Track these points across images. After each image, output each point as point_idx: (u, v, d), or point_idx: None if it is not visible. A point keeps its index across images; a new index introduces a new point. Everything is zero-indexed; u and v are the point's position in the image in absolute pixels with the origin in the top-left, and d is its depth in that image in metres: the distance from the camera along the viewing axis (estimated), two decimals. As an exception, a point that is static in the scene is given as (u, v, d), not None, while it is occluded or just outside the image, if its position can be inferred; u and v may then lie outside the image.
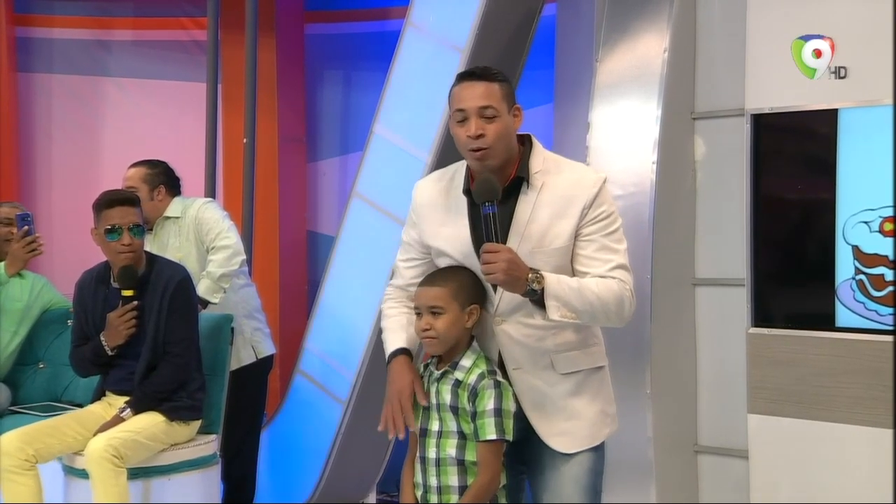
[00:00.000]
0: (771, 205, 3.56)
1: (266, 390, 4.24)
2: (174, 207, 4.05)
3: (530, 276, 2.29)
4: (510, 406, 2.44)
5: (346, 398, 4.29)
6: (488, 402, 2.42)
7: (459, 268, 2.49)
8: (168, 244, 4.02)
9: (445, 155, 4.15)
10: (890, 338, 3.25)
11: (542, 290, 2.29)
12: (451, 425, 2.48)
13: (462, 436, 2.47)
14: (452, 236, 2.46)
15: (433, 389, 2.51)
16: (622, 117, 3.91)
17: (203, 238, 4.00)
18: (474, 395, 2.44)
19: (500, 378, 2.46)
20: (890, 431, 3.21)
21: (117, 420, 3.33)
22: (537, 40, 4.41)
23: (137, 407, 3.37)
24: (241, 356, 4.04)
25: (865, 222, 3.33)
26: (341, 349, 4.38)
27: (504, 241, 2.36)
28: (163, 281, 3.43)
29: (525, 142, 2.47)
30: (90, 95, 5.74)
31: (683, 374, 3.95)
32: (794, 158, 3.59)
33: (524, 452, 2.53)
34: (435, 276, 2.51)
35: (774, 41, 3.49)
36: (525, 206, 2.39)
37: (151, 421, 3.36)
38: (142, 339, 3.40)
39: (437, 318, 2.45)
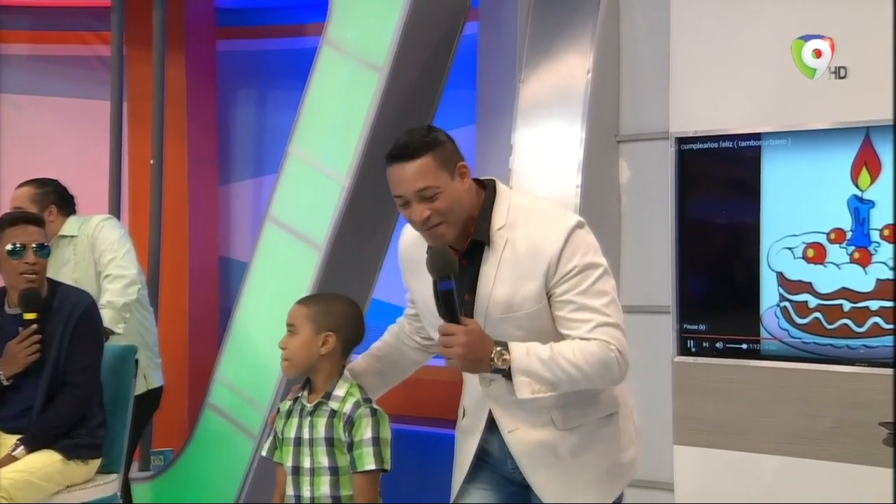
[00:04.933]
0: (696, 230, 3.55)
1: (145, 429, 4.22)
2: (69, 226, 3.96)
3: (494, 353, 2.11)
4: (387, 435, 2.43)
5: (259, 432, 4.18)
6: (366, 431, 2.41)
7: (341, 297, 2.53)
8: (63, 264, 3.91)
9: (364, 177, 4.14)
10: (814, 366, 3.28)
11: (510, 367, 2.12)
12: (323, 461, 2.44)
13: (335, 471, 2.44)
14: (420, 293, 2.30)
15: (306, 423, 2.48)
16: (546, 139, 3.88)
17: (97, 259, 3.91)
18: (350, 424, 2.42)
19: (375, 406, 2.45)
20: (813, 461, 3.25)
21: (9, 459, 3.16)
22: (458, 59, 4.38)
23: (32, 444, 3.21)
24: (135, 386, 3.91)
25: (789, 248, 3.34)
26: (253, 380, 4.30)
27: (470, 308, 2.20)
28: (67, 308, 3.32)
29: (488, 188, 2.27)
30: (-17, 113, 5.59)
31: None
32: (718, 183, 3.59)
33: None
34: (309, 297, 2.57)
35: (698, 63, 3.50)
36: (489, 267, 2.20)
37: (47, 460, 3.21)
38: (40, 371, 3.29)
39: (291, 337, 2.47)
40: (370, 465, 2.39)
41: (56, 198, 3.97)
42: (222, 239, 5.69)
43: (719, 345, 3.46)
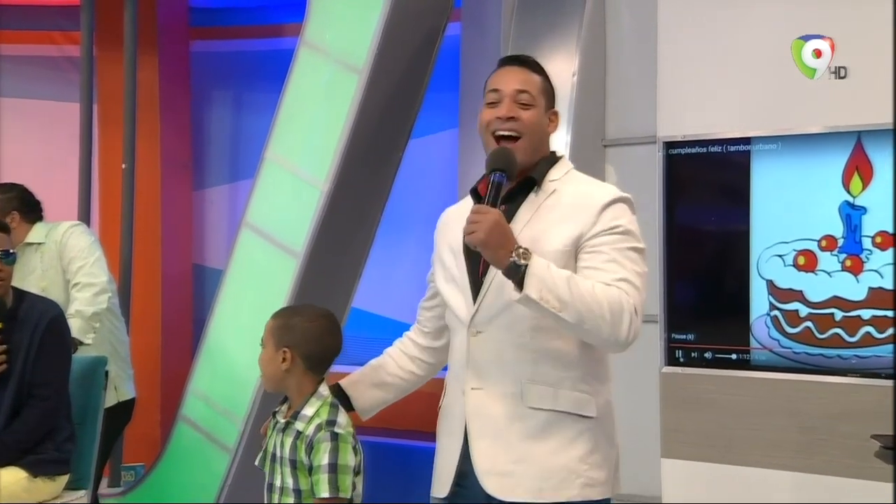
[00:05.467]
0: (684, 237, 3.54)
1: (115, 443, 4.16)
2: (36, 233, 3.91)
3: (516, 248, 2.08)
4: (348, 461, 2.38)
5: (234, 446, 4.14)
6: (323, 457, 2.37)
7: (307, 309, 2.50)
8: (30, 272, 3.86)
9: (343, 182, 4.11)
10: (805, 376, 3.26)
11: (527, 266, 2.07)
12: (289, 481, 2.42)
13: (298, 494, 2.41)
14: (453, 241, 2.29)
15: (277, 440, 2.46)
16: (530, 143, 3.87)
17: (65, 267, 3.86)
18: (311, 448, 2.38)
19: (338, 430, 2.39)
20: (804, 475, 3.24)
21: (-27, 475, 3.10)
22: (440, 61, 4.38)
23: (-4, 459, 3.16)
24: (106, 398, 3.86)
25: (780, 256, 3.33)
26: (229, 392, 4.25)
27: None
28: (34, 317, 3.23)
29: (557, 154, 2.36)
30: (-53, 114, 5.58)
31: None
32: (707, 188, 3.58)
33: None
34: (279, 310, 2.55)
35: (686, 65, 3.49)
36: (528, 208, 2.24)
37: (11, 478, 3.11)
38: (5, 383, 3.18)
39: (262, 351, 2.48)
40: (324, 494, 2.35)
41: (19, 203, 3.91)
42: (196, 246, 5.68)
43: (708, 355, 3.44)
